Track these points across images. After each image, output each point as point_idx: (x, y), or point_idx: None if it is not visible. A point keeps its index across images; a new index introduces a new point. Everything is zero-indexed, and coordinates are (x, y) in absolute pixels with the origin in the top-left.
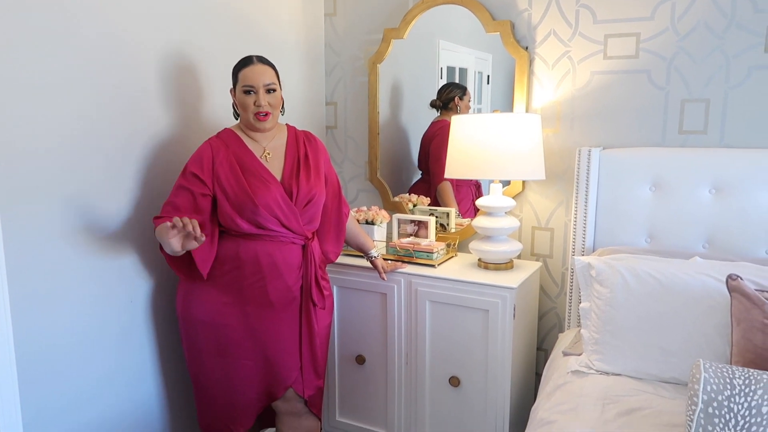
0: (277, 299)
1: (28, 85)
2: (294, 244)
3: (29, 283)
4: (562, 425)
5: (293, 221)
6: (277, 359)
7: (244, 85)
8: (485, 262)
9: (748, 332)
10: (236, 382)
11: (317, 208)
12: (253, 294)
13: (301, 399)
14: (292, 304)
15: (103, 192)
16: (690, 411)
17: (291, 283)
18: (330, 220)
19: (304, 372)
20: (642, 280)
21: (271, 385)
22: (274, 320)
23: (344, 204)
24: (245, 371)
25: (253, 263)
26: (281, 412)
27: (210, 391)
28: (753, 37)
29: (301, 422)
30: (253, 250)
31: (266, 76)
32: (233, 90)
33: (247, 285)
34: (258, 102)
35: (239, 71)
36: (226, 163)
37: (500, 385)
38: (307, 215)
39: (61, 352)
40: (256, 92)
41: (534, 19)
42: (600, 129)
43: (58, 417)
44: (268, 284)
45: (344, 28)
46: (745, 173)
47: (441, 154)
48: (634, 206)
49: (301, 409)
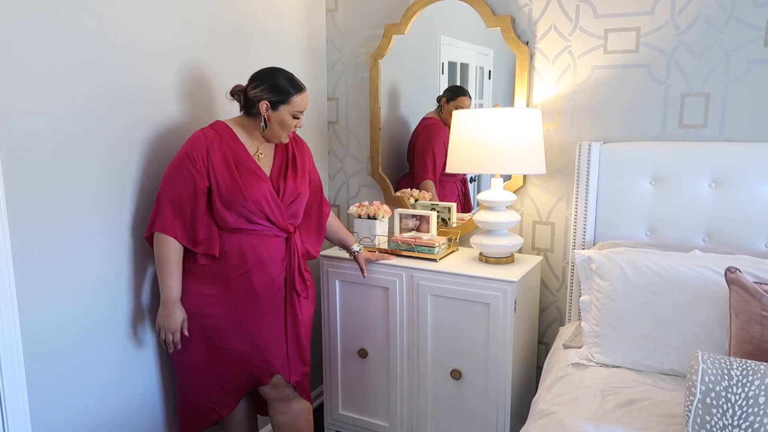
0: (262, 291)
1: (28, 79)
2: (278, 237)
3: (35, 279)
4: (562, 416)
5: (278, 216)
6: (263, 348)
7: (297, 111)
8: (486, 256)
9: (747, 324)
10: (221, 369)
11: (301, 206)
12: (239, 286)
13: (289, 384)
14: (277, 294)
15: (106, 190)
16: (688, 401)
17: (275, 275)
18: (311, 219)
19: (290, 359)
20: (641, 273)
21: (256, 373)
22: (260, 310)
23: (325, 203)
24: (231, 360)
25: (238, 256)
26: (271, 399)
27: (193, 379)
28: (753, 30)
29: (291, 406)
30: (237, 244)
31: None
32: (272, 104)
33: (233, 278)
34: (299, 125)
35: (293, 96)
36: (220, 154)
37: (501, 377)
38: (291, 211)
39: (66, 342)
40: (299, 117)
41: (535, 14)
42: (600, 123)
43: (61, 405)
44: (253, 276)
45: (345, 24)
46: (744, 167)
47: (424, 152)
48: (634, 200)
49: (290, 394)
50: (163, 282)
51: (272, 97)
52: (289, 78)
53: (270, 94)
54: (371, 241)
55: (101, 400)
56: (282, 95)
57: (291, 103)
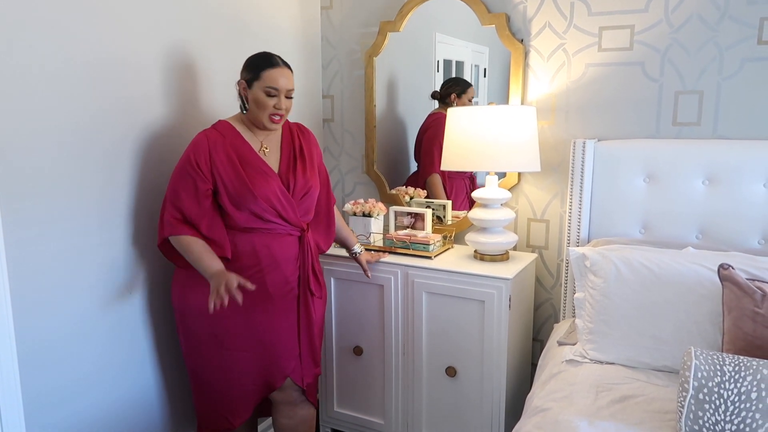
0: (275, 291)
1: (25, 81)
2: (291, 235)
3: (29, 276)
4: (557, 412)
5: (291, 213)
6: (275, 349)
7: (269, 86)
8: (481, 253)
9: (739, 320)
10: (233, 374)
11: (312, 200)
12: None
13: (297, 388)
14: (289, 295)
15: (101, 185)
16: (681, 397)
17: (288, 275)
18: (321, 212)
19: (303, 361)
20: (635, 270)
21: (269, 376)
22: (272, 311)
23: (332, 197)
24: (243, 362)
25: (250, 256)
26: (277, 401)
27: (207, 382)
28: (746, 29)
29: (296, 411)
30: (250, 243)
31: (290, 81)
32: (245, 82)
33: (246, 277)
34: (279, 106)
35: (263, 70)
36: (224, 155)
37: (496, 374)
38: (304, 206)
39: (60, 343)
40: (278, 96)
41: (529, 12)
42: (595, 121)
43: (57, 405)
44: (266, 276)
45: (340, 21)
46: (737, 164)
47: (432, 146)
48: (628, 197)
49: (297, 398)
50: (200, 268)
51: (247, 75)
52: (266, 55)
53: (245, 72)
54: (366, 239)
55: (96, 401)
56: (254, 71)
57: (261, 78)
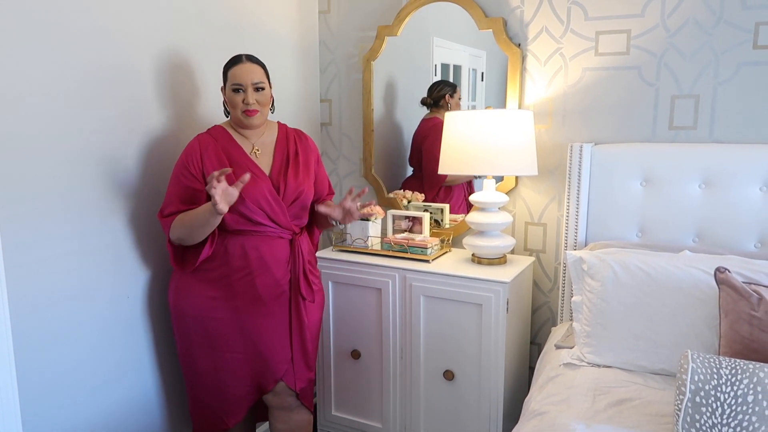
0: (265, 293)
1: (24, 87)
2: (281, 238)
3: (26, 279)
4: (554, 416)
5: (280, 216)
6: (267, 352)
7: (233, 84)
8: (479, 257)
9: (736, 324)
10: (226, 376)
11: (304, 205)
12: (242, 288)
13: (292, 392)
14: (281, 297)
15: (99, 188)
16: (678, 401)
17: (279, 277)
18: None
19: (295, 364)
20: (632, 273)
21: (261, 378)
22: (264, 314)
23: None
24: (235, 364)
25: (240, 258)
26: (273, 406)
27: (201, 383)
28: (742, 33)
29: (292, 416)
30: (240, 245)
31: (255, 74)
32: (223, 88)
33: (236, 279)
34: (246, 100)
35: (228, 70)
36: (215, 156)
37: (494, 378)
38: (294, 211)
39: (58, 345)
40: (245, 90)
41: (526, 16)
42: (591, 125)
43: (54, 407)
44: (256, 278)
45: (338, 26)
46: (734, 168)
47: (436, 153)
48: (625, 201)
49: (292, 403)
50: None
51: (222, 80)
52: (233, 56)
53: (223, 80)
54: (364, 242)
55: (94, 400)
56: (224, 74)
57: (228, 78)
